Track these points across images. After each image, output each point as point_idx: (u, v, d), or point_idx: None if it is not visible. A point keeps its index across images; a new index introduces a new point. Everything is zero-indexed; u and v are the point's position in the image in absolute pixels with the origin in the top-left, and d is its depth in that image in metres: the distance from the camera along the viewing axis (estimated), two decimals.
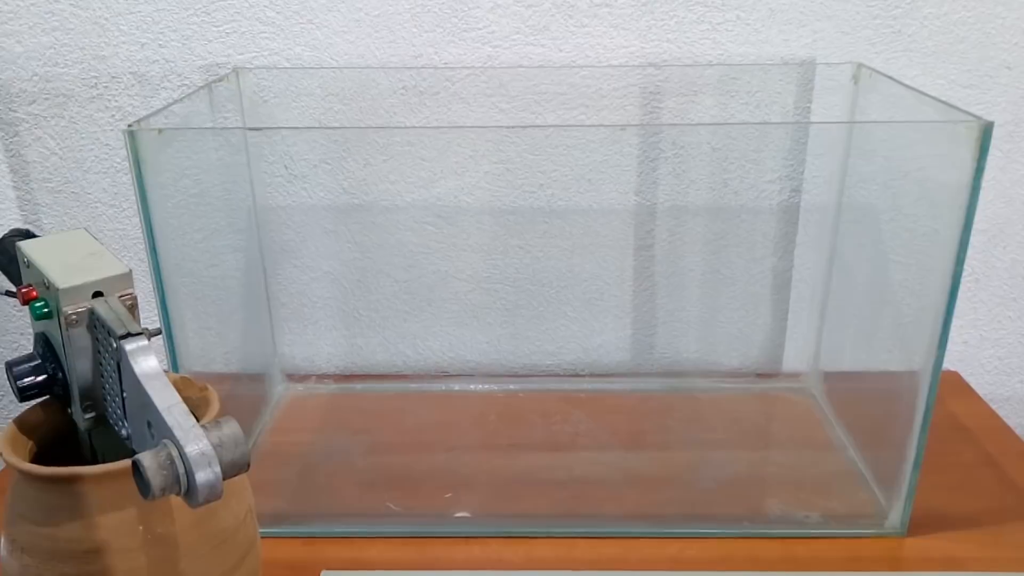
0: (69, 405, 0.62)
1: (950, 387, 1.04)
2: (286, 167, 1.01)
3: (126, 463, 0.54)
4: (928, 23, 0.96)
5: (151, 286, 0.75)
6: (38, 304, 0.59)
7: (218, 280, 0.94)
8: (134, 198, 0.72)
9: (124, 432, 0.58)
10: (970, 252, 0.72)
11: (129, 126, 0.71)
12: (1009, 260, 1.05)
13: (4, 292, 0.64)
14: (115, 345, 0.55)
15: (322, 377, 1.09)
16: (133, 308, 0.59)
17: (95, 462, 0.62)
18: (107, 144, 1.01)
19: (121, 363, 0.55)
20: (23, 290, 0.60)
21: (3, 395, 1.10)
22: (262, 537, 0.67)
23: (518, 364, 1.10)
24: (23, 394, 0.61)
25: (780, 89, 0.98)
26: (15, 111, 0.99)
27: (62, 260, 0.60)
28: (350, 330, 1.08)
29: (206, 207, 0.89)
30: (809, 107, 0.99)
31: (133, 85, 0.99)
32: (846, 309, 0.98)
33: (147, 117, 0.75)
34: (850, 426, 0.95)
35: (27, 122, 1.00)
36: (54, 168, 1.01)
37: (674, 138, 1.00)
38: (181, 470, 0.48)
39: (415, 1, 0.96)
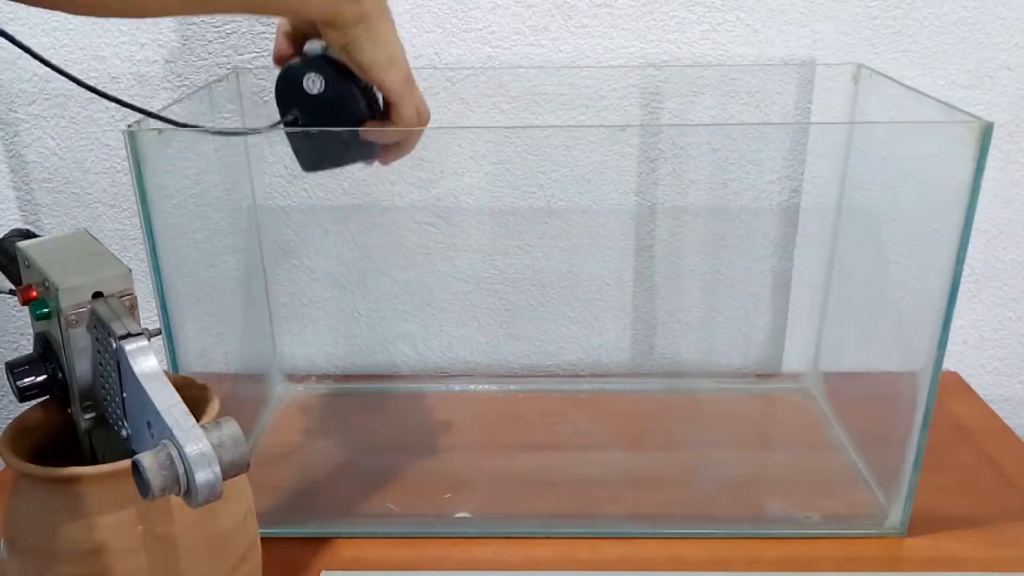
0: (69, 405, 0.62)
1: (950, 387, 1.04)
2: (286, 167, 1.01)
3: (126, 463, 0.54)
4: (928, 23, 0.96)
5: (151, 286, 0.75)
6: (38, 304, 0.59)
7: (218, 280, 0.94)
8: (134, 198, 0.72)
9: (124, 432, 0.58)
10: (970, 252, 0.72)
11: (129, 126, 0.71)
12: (1009, 260, 1.05)
13: (7, 291, 0.64)
14: (115, 345, 0.55)
15: (322, 377, 1.09)
16: (133, 308, 0.59)
17: (95, 462, 0.62)
18: (107, 144, 1.01)
19: (121, 363, 0.55)
20: (23, 290, 0.60)
21: (3, 395, 1.10)
22: (262, 537, 0.67)
23: (518, 364, 1.10)
24: (23, 394, 0.61)
25: (780, 90, 0.98)
26: (15, 111, 0.99)
27: (62, 260, 0.60)
28: (350, 330, 1.08)
29: (206, 207, 0.89)
30: (809, 108, 0.99)
31: (133, 85, 0.99)
32: (846, 309, 0.98)
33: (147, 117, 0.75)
34: (850, 426, 0.95)
35: (27, 122, 1.00)
36: (54, 168, 1.01)
37: (674, 138, 1.00)
38: (181, 470, 0.48)
39: (415, 1, 0.96)
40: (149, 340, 0.55)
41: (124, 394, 0.56)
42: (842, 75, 0.96)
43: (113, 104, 0.99)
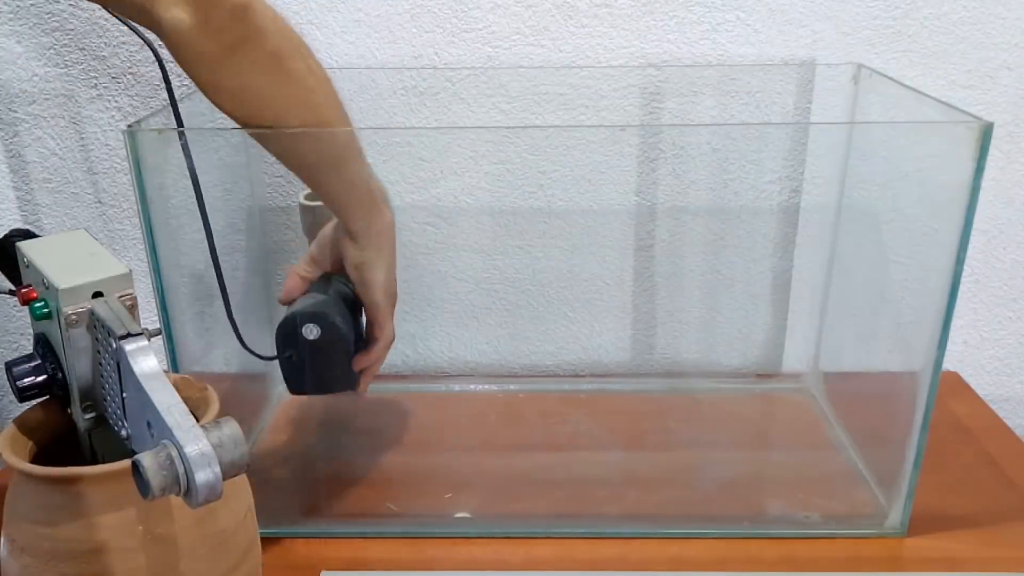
0: (69, 405, 0.62)
1: (950, 387, 1.04)
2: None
3: (126, 463, 0.54)
4: (928, 23, 0.96)
5: (151, 286, 0.75)
6: (38, 304, 0.59)
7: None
8: (134, 198, 0.72)
9: (124, 432, 0.58)
10: (970, 252, 0.72)
11: (129, 126, 0.71)
12: (1009, 260, 1.05)
13: (7, 291, 0.64)
14: (115, 345, 0.55)
15: None
16: (133, 308, 0.59)
17: (95, 462, 0.62)
18: (107, 144, 1.01)
19: (121, 363, 0.55)
20: (23, 290, 0.60)
21: (3, 395, 1.10)
22: (262, 537, 0.67)
23: (518, 364, 1.10)
24: (23, 394, 0.61)
25: (780, 90, 0.98)
26: (15, 111, 0.99)
27: (62, 260, 0.60)
28: None
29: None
30: (809, 108, 0.99)
31: (133, 85, 0.99)
32: (846, 309, 0.98)
33: (147, 117, 0.75)
34: (850, 426, 0.95)
35: (27, 122, 1.00)
36: (54, 168, 1.02)
37: (674, 138, 1.00)
38: (181, 470, 0.48)
39: (415, 1, 0.96)
40: (149, 340, 0.55)
41: (124, 394, 0.56)
42: (842, 75, 0.96)
43: (113, 104, 0.99)
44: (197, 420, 0.51)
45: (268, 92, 0.68)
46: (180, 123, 0.75)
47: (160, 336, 0.61)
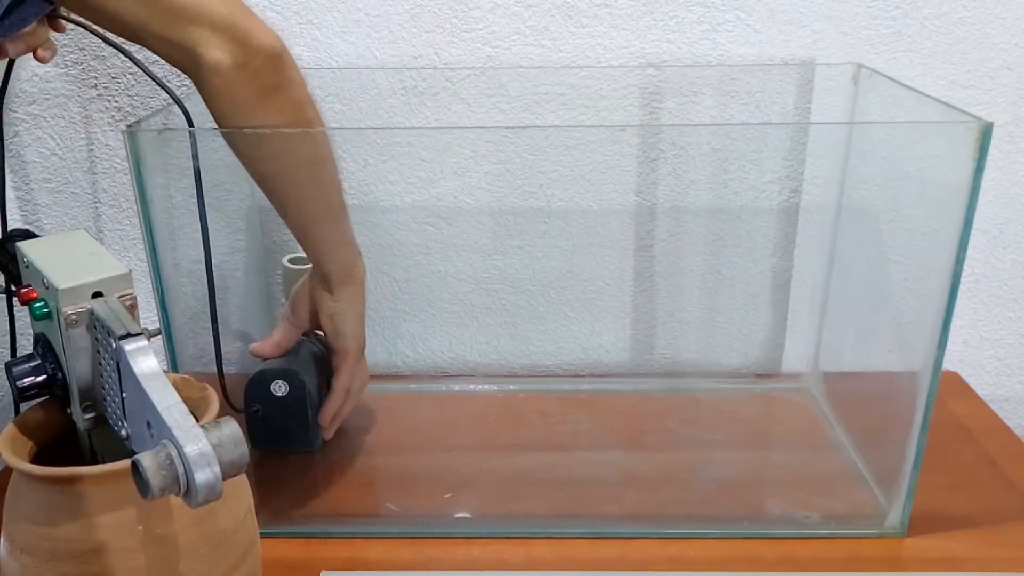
0: (69, 405, 0.62)
1: (950, 387, 1.04)
2: None
3: (126, 463, 0.54)
4: (928, 24, 0.96)
5: (151, 286, 0.75)
6: (38, 304, 0.59)
7: (218, 280, 0.93)
8: (134, 198, 0.72)
9: (124, 432, 0.58)
10: (970, 252, 0.72)
11: (129, 126, 0.71)
12: (1009, 260, 1.05)
13: (3, 290, 0.64)
14: (115, 345, 0.55)
15: None
16: (133, 308, 0.59)
17: (95, 462, 0.62)
18: (107, 144, 1.01)
19: (121, 363, 0.55)
20: (23, 290, 0.60)
21: (3, 395, 1.10)
22: (262, 537, 0.67)
23: (518, 364, 1.10)
24: (23, 394, 0.61)
25: (780, 90, 0.98)
26: (15, 111, 0.99)
27: (62, 260, 0.60)
28: None
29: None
30: (809, 108, 0.99)
31: (133, 85, 0.99)
32: (846, 309, 0.98)
33: (147, 117, 0.75)
34: (850, 426, 0.95)
35: (27, 122, 1.00)
36: (54, 168, 1.02)
37: (674, 138, 1.00)
38: (180, 470, 0.48)
39: (415, 1, 0.96)
40: (149, 340, 0.55)
41: (124, 394, 0.56)
42: (842, 75, 0.96)
43: (113, 104, 0.99)
44: (197, 420, 0.51)
45: (286, 140, 0.72)
46: (190, 122, 0.75)
47: (160, 336, 0.61)
